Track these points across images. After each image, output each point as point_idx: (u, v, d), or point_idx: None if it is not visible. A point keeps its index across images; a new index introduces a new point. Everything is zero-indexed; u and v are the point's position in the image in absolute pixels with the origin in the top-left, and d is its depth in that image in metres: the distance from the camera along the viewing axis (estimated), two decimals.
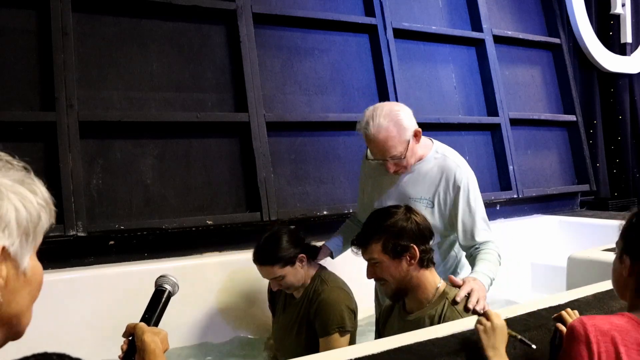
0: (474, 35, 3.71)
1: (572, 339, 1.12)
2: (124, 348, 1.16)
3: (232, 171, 2.77)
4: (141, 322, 1.18)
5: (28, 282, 0.69)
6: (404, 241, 1.59)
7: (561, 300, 1.58)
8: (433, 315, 1.59)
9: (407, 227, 1.61)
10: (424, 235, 1.64)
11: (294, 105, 3.01)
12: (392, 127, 1.86)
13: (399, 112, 1.92)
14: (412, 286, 1.63)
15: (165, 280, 1.27)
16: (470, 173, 1.98)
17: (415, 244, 1.60)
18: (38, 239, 0.69)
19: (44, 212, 0.69)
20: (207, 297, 2.46)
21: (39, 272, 0.71)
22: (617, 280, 1.24)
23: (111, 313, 2.25)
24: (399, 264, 1.61)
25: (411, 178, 1.99)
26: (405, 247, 1.59)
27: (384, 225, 1.62)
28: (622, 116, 4.47)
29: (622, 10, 4.43)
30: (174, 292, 1.27)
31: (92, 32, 2.56)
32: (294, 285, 1.98)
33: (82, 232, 2.32)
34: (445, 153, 2.01)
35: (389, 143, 1.86)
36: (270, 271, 1.94)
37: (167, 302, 1.25)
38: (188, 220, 2.55)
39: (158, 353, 1.10)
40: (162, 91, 2.68)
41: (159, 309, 1.23)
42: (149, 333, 1.12)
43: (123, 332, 1.17)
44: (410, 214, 1.65)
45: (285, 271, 1.93)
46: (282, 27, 3.05)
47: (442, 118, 3.41)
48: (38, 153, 2.36)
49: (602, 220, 3.43)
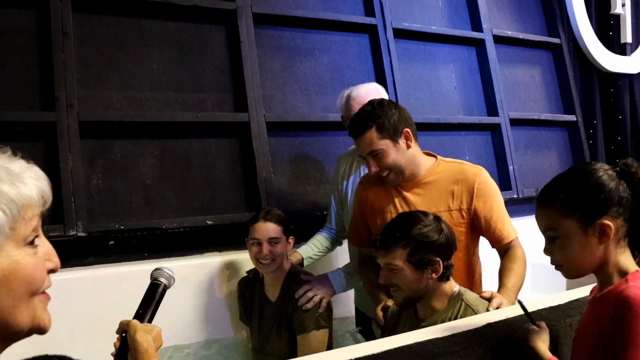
0: (474, 35, 3.71)
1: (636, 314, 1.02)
2: (117, 345, 1.14)
3: (232, 171, 2.77)
4: (135, 318, 1.16)
5: (4, 280, 0.67)
6: (431, 255, 1.53)
7: (561, 300, 1.58)
8: (449, 318, 1.55)
9: (438, 241, 1.54)
10: (450, 250, 1.59)
11: (294, 105, 3.01)
12: None
13: None
14: (425, 295, 1.59)
15: (161, 274, 1.23)
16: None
17: (441, 258, 1.55)
18: (9, 234, 0.67)
19: (2, 209, 0.66)
20: (207, 297, 2.46)
21: (22, 268, 0.69)
22: (586, 258, 1.12)
23: (111, 313, 2.24)
24: (420, 275, 1.54)
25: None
26: (430, 261, 1.53)
27: (413, 232, 1.54)
28: (622, 116, 4.46)
29: (622, 10, 4.42)
30: (169, 285, 1.23)
31: (92, 32, 2.56)
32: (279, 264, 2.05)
33: (82, 232, 2.32)
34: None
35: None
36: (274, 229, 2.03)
37: (162, 296, 1.22)
38: (188, 220, 2.55)
39: (151, 352, 1.08)
40: (162, 91, 2.68)
41: (154, 304, 1.20)
42: (142, 332, 1.10)
43: (116, 329, 1.16)
44: (441, 224, 1.58)
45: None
46: (282, 27, 3.05)
47: (442, 118, 3.41)
48: (38, 153, 2.35)
49: None
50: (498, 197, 1.87)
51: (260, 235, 2.01)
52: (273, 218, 2.04)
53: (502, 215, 1.86)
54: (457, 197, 1.83)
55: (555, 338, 1.36)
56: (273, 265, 2.03)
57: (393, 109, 1.82)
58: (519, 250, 1.85)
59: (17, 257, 0.68)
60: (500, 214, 1.86)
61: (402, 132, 1.81)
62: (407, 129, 1.82)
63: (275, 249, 2.01)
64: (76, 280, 2.27)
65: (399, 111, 1.83)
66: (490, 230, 1.85)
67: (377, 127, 1.79)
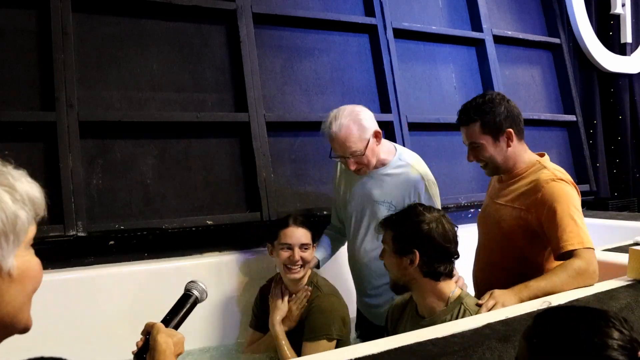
0: (474, 35, 3.71)
1: None
2: (139, 345, 1.18)
3: (232, 171, 2.77)
4: (161, 322, 1.20)
5: (17, 281, 0.68)
6: (410, 246, 1.62)
7: (561, 300, 1.58)
8: (448, 319, 1.56)
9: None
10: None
11: (294, 105, 3.01)
12: (352, 125, 2.03)
13: (359, 112, 2.07)
14: (424, 294, 1.63)
15: (195, 286, 1.28)
16: (431, 178, 2.15)
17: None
18: (21, 237, 0.68)
19: (24, 209, 0.68)
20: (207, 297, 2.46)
21: (30, 268, 0.71)
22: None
23: (111, 313, 2.25)
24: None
25: (375, 182, 2.15)
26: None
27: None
28: (622, 116, 4.46)
29: (622, 10, 4.43)
30: (201, 299, 1.29)
31: (92, 32, 2.56)
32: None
33: (82, 232, 2.32)
34: (409, 161, 2.15)
35: (350, 139, 2.02)
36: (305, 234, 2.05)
37: (192, 308, 1.27)
38: (188, 220, 2.55)
39: (168, 354, 1.11)
40: (162, 91, 2.68)
41: (182, 314, 1.25)
42: (163, 334, 1.14)
43: (142, 330, 1.19)
44: (442, 221, 1.65)
45: None
46: (282, 27, 3.05)
47: (442, 118, 3.40)
48: (38, 153, 2.36)
49: (602, 220, 3.42)
50: (562, 206, 1.76)
51: (293, 241, 1.99)
52: (304, 223, 2.03)
53: (564, 224, 1.74)
54: (524, 199, 1.85)
55: None
56: (302, 271, 2.01)
57: (502, 107, 1.88)
58: (575, 260, 1.69)
59: (27, 257, 0.70)
60: (563, 222, 1.74)
61: (505, 131, 1.87)
62: (510, 129, 1.87)
63: (306, 254, 1.99)
64: (76, 280, 2.27)
65: (508, 110, 1.88)
66: (550, 238, 1.78)
67: (481, 122, 1.87)
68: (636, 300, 1.61)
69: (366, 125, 2.05)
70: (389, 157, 2.16)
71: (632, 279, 1.78)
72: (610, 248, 2.27)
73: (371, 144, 2.06)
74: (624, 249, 2.11)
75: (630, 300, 1.61)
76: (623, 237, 2.55)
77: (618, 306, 1.56)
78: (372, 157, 2.09)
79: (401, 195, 2.11)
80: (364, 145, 2.04)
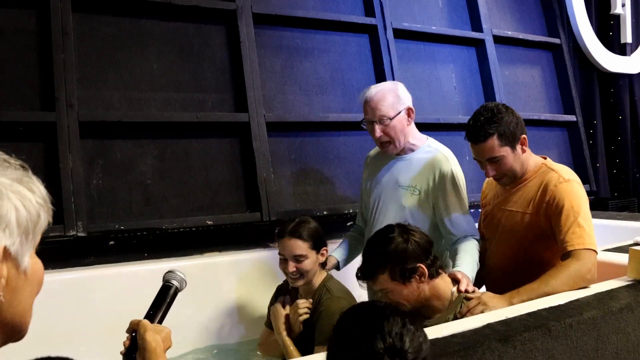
0: (474, 35, 3.71)
1: None
2: (126, 344, 1.16)
3: (232, 171, 2.77)
4: (145, 318, 1.17)
5: (29, 281, 0.69)
6: (410, 264, 1.57)
7: (561, 300, 1.58)
8: (451, 319, 1.57)
9: (409, 249, 1.58)
10: (426, 250, 1.62)
11: (294, 106, 3.01)
12: (388, 93, 2.09)
13: (398, 85, 2.15)
14: (427, 299, 1.63)
15: (173, 276, 1.25)
16: (458, 167, 2.10)
17: (421, 262, 1.58)
18: (37, 238, 0.69)
19: (43, 210, 0.69)
20: (207, 297, 2.46)
21: (38, 270, 0.71)
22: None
23: (111, 313, 2.25)
24: (410, 286, 1.59)
25: (403, 166, 2.15)
26: (412, 269, 1.57)
27: (385, 253, 1.59)
28: (622, 116, 4.47)
29: (622, 10, 4.43)
30: (181, 288, 1.26)
31: (92, 32, 2.56)
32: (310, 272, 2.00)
33: (82, 232, 2.32)
34: (438, 148, 2.15)
35: (382, 103, 2.07)
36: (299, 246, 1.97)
37: (174, 298, 1.24)
38: (188, 220, 2.55)
39: (159, 352, 1.10)
40: (162, 91, 2.68)
41: (165, 306, 1.22)
42: (151, 331, 1.12)
43: (126, 328, 1.17)
44: (407, 234, 1.62)
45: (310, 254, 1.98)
46: (282, 27, 3.05)
47: (442, 118, 3.41)
48: (38, 153, 2.36)
49: (602, 220, 3.42)
50: (567, 207, 1.78)
51: (286, 253, 1.97)
52: (299, 234, 1.96)
53: (567, 224, 1.76)
54: (534, 203, 1.86)
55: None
56: (301, 280, 1.99)
57: (511, 115, 1.88)
58: (571, 261, 1.70)
59: (35, 259, 0.70)
60: (566, 223, 1.76)
61: (520, 138, 1.88)
62: (524, 135, 1.89)
63: (301, 265, 1.96)
64: (76, 280, 2.27)
65: (516, 117, 1.90)
66: (556, 240, 1.79)
67: (498, 135, 1.85)
68: (636, 300, 1.62)
69: (402, 96, 2.10)
70: (418, 144, 2.16)
71: (632, 279, 1.78)
72: (610, 248, 2.27)
73: (401, 117, 2.07)
74: (624, 249, 2.11)
75: (630, 300, 1.61)
76: (623, 237, 2.55)
77: (618, 306, 1.56)
78: (400, 133, 2.09)
79: (425, 178, 2.07)
80: (394, 113, 2.06)
